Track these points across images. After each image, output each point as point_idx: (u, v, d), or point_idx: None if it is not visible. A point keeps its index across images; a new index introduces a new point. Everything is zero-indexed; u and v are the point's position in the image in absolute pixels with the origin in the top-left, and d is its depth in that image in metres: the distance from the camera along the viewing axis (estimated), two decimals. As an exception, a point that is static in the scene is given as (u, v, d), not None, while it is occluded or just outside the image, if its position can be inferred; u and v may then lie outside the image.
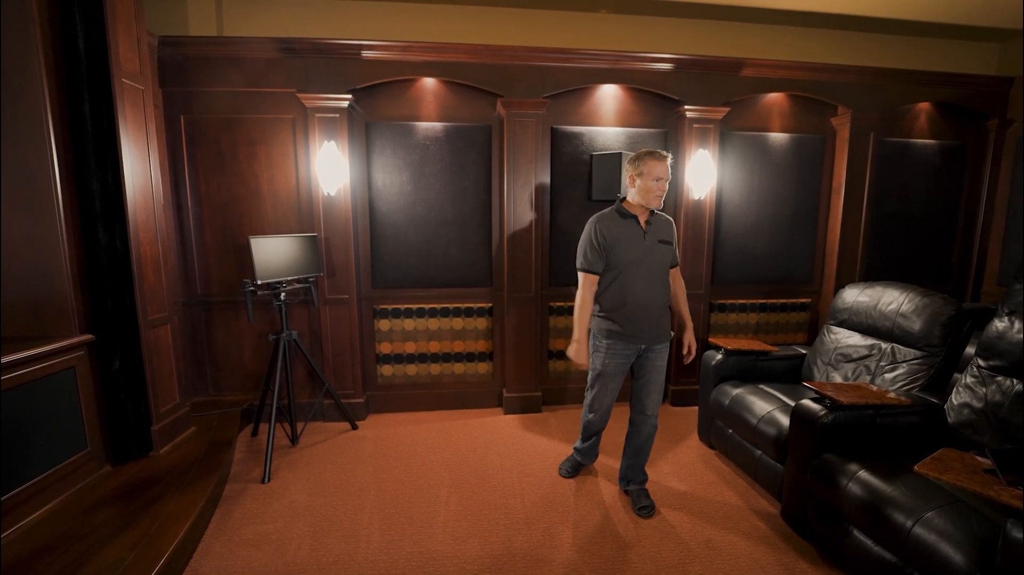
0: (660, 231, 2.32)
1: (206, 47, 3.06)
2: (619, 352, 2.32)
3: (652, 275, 2.28)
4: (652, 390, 2.37)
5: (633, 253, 2.25)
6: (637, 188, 2.22)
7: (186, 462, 2.55)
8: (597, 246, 2.26)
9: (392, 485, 2.63)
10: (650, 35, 3.56)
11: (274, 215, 3.28)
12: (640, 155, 2.20)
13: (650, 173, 2.17)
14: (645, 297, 2.26)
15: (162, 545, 1.89)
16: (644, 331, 2.29)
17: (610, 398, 2.43)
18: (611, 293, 2.29)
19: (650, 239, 2.27)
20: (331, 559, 2.05)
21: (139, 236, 2.52)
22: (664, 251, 2.31)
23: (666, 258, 2.33)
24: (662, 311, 2.33)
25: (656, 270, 2.29)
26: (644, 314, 2.27)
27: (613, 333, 2.30)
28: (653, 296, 2.28)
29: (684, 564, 2.04)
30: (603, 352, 2.34)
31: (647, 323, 2.28)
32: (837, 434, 2.06)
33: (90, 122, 2.32)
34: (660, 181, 2.18)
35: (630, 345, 2.31)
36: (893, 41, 3.81)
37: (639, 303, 2.26)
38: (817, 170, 3.79)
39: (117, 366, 2.46)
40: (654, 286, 2.28)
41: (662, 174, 2.17)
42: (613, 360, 2.33)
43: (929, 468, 1.56)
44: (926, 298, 2.53)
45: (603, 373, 2.36)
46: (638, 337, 2.29)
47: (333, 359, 3.41)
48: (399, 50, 3.15)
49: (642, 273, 2.26)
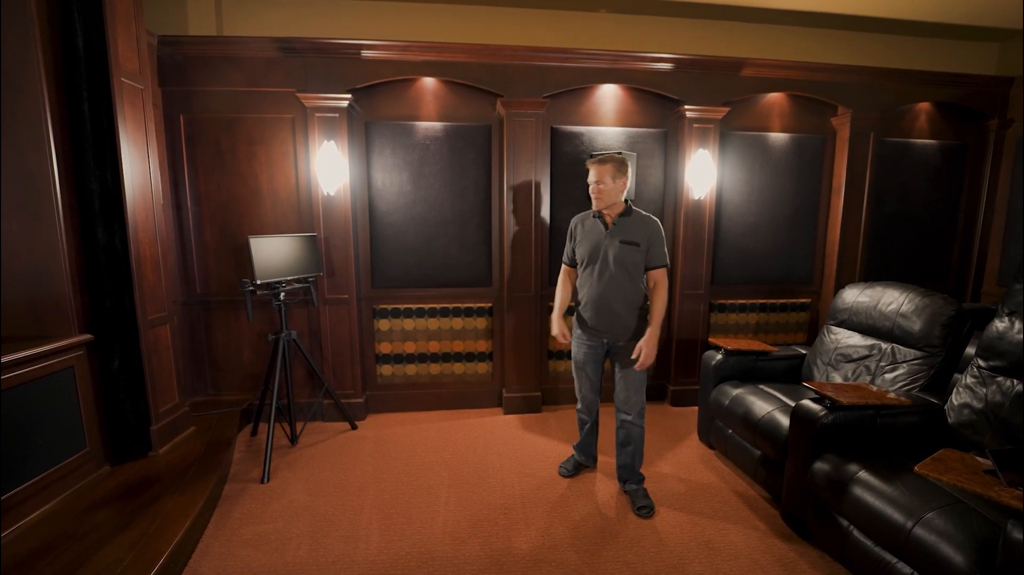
0: (628, 232, 2.33)
1: (205, 46, 3.05)
2: (585, 342, 2.47)
3: (609, 273, 2.33)
4: (623, 387, 2.42)
5: (589, 250, 2.38)
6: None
7: (185, 462, 2.54)
8: (568, 237, 2.52)
9: (391, 485, 2.62)
10: (650, 35, 3.56)
11: (274, 215, 3.28)
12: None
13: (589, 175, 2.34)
14: (599, 294, 2.35)
15: (161, 545, 1.89)
16: (604, 328, 2.39)
17: (587, 387, 2.55)
18: (577, 287, 2.48)
19: (611, 239, 2.33)
20: (330, 559, 2.05)
21: (138, 236, 2.51)
22: (628, 251, 2.32)
23: (630, 258, 2.32)
24: (627, 310, 2.36)
25: (615, 269, 2.32)
26: (601, 311, 2.36)
27: (578, 323, 2.50)
28: (611, 294, 2.34)
29: (684, 564, 2.03)
30: (574, 341, 2.52)
31: (607, 320, 2.37)
32: (837, 434, 2.06)
33: (89, 121, 2.31)
34: (591, 184, 2.32)
35: (594, 337, 2.44)
36: (893, 41, 3.81)
37: (593, 299, 2.37)
38: (817, 170, 3.78)
39: (116, 366, 2.46)
40: (611, 285, 2.33)
41: (592, 177, 2.31)
42: (581, 349, 2.49)
43: (930, 469, 1.56)
44: (926, 298, 2.53)
45: (575, 361, 2.54)
46: (600, 332, 2.40)
47: (332, 359, 3.41)
48: (399, 50, 3.14)
49: (598, 270, 2.35)
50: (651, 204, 3.64)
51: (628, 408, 2.43)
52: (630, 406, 2.42)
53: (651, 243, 2.35)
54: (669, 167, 3.63)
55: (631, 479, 2.52)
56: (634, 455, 2.48)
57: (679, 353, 3.73)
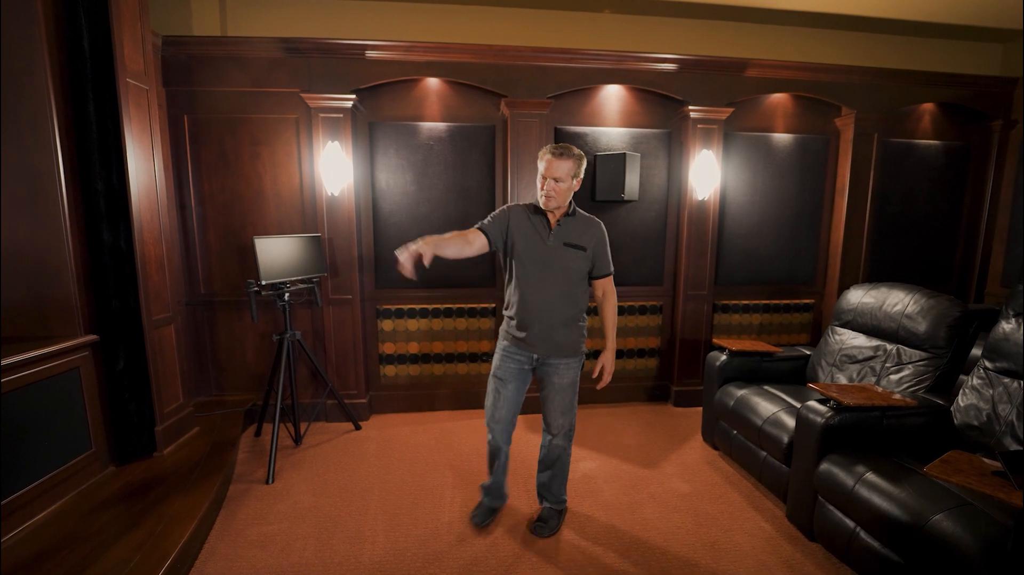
0: (572, 234, 2.04)
1: (210, 47, 3.05)
2: (511, 355, 2.10)
3: (551, 280, 2.01)
4: (551, 407, 2.14)
5: (530, 251, 2.02)
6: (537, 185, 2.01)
7: (190, 462, 2.54)
8: (501, 216, 2.06)
9: (396, 486, 2.62)
10: (654, 35, 3.56)
11: (277, 215, 3.27)
12: (543, 149, 1.98)
13: (540, 168, 1.96)
14: (537, 304, 2.02)
15: (168, 546, 1.89)
16: (536, 342, 2.05)
17: (505, 409, 2.12)
18: (510, 291, 2.10)
19: (554, 241, 2.01)
20: (337, 560, 2.05)
21: (143, 236, 2.51)
22: (572, 257, 2.02)
23: (574, 265, 2.03)
24: (566, 324, 2.05)
25: (557, 276, 2.02)
26: (537, 322, 2.03)
27: (507, 335, 2.12)
28: (549, 304, 2.02)
29: (690, 566, 2.03)
30: (499, 353, 2.15)
31: (540, 333, 2.03)
32: (843, 435, 2.06)
33: (95, 122, 2.31)
34: (545, 180, 1.94)
35: (523, 352, 2.08)
36: (897, 42, 3.81)
37: (530, 308, 2.02)
38: (821, 171, 3.78)
39: (121, 366, 2.46)
40: (551, 293, 2.02)
41: (545, 171, 1.94)
42: (506, 363, 2.11)
43: (939, 470, 1.56)
44: (932, 299, 2.53)
45: (495, 377, 2.13)
46: (533, 346, 2.06)
47: (336, 359, 3.41)
48: (403, 50, 3.14)
49: (538, 275, 2.01)
50: (655, 204, 3.64)
51: (556, 430, 2.17)
52: (558, 428, 2.16)
53: (597, 248, 2.08)
54: (673, 168, 3.63)
55: (548, 497, 2.30)
56: (554, 478, 2.26)
57: (682, 354, 3.73)
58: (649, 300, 3.75)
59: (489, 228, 2.05)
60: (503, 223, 2.05)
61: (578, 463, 2.86)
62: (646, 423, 3.45)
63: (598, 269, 2.11)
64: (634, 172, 3.41)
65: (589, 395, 3.75)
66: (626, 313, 3.74)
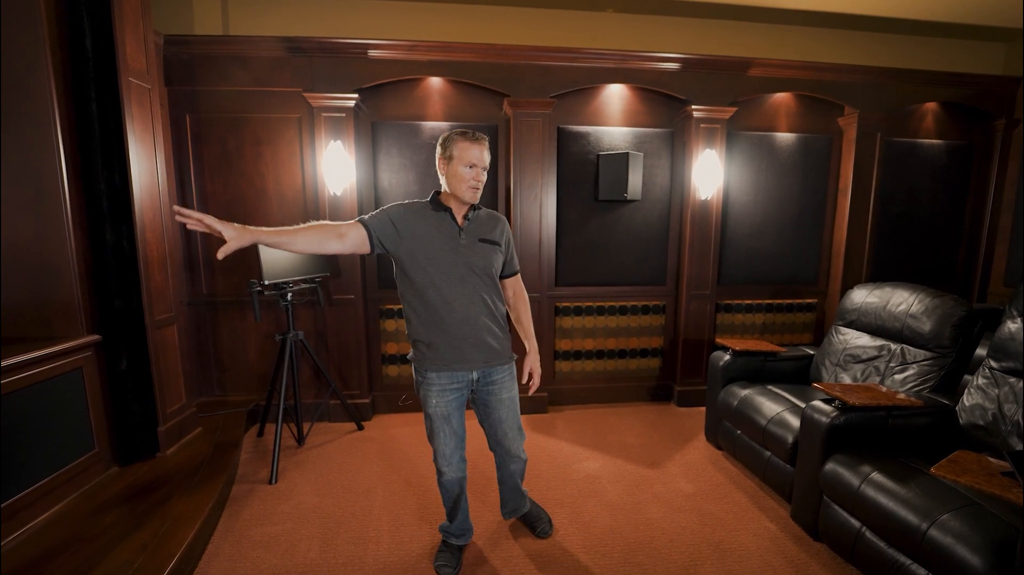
0: (483, 229, 1.83)
1: (212, 46, 3.04)
2: (446, 387, 1.83)
3: (472, 283, 1.78)
4: (507, 428, 1.95)
5: (441, 255, 1.75)
6: (448, 176, 1.75)
7: (193, 463, 2.54)
8: (388, 220, 1.73)
9: (400, 486, 2.62)
10: (656, 34, 3.55)
11: (280, 215, 3.27)
12: (449, 136, 1.75)
13: (461, 157, 1.71)
14: (464, 309, 1.77)
15: (172, 547, 1.88)
16: (469, 353, 1.80)
17: (453, 445, 1.90)
18: (420, 309, 1.77)
19: (468, 238, 1.78)
20: (341, 561, 2.04)
21: (146, 236, 2.51)
22: (488, 253, 1.81)
23: (492, 262, 1.82)
24: (499, 326, 1.87)
25: (477, 275, 1.79)
26: (466, 331, 1.78)
27: (433, 362, 1.80)
28: (475, 307, 1.79)
29: (695, 566, 2.03)
30: (428, 389, 1.83)
31: (471, 343, 1.80)
32: (848, 435, 2.05)
33: (97, 121, 2.31)
34: (474, 168, 1.72)
35: (456, 374, 1.82)
36: (899, 41, 3.81)
37: (458, 318, 1.76)
38: (823, 170, 3.78)
39: (124, 366, 2.45)
40: (474, 296, 1.79)
41: (476, 159, 1.71)
42: (442, 398, 1.83)
43: (946, 470, 1.55)
44: (936, 299, 2.52)
45: (432, 416, 1.86)
46: (463, 361, 1.81)
47: (339, 359, 3.40)
48: (405, 49, 3.13)
49: (457, 279, 1.76)
50: (658, 204, 3.63)
51: (517, 449, 2.02)
52: (519, 446, 2.02)
53: (508, 243, 1.91)
54: (676, 167, 3.62)
55: (522, 505, 2.21)
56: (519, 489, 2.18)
57: (685, 354, 3.73)
58: (652, 300, 3.75)
59: (373, 224, 1.71)
60: (388, 225, 1.73)
61: (581, 463, 2.86)
62: (649, 423, 3.45)
63: (509, 267, 1.95)
64: (637, 172, 3.41)
65: (592, 395, 3.77)
66: (629, 313, 3.73)
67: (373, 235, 1.71)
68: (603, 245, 3.60)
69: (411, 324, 1.83)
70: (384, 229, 1.73)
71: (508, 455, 2.04)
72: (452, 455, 1.91)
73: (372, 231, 1.71)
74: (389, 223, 1.73)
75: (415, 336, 1.83)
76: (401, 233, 1.74)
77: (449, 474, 1.93)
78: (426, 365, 1.82)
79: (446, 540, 2.07)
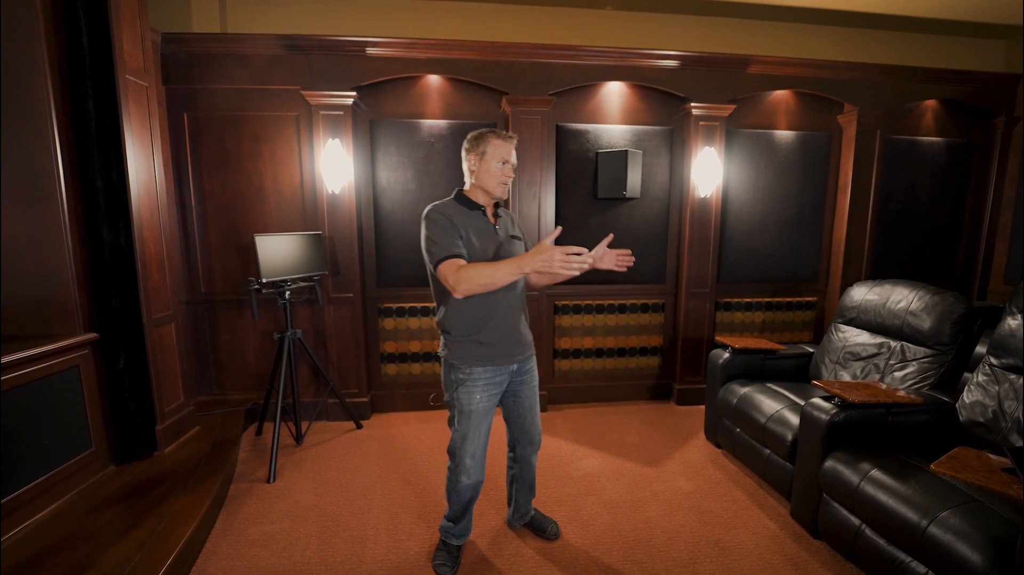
0: (508, 225, 1.91)
1: (210, 44, 3.04)
2: (491, 381, 1.84)
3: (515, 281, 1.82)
4: (532, 416, 2.00)
5: (489, 250, 1.79)
6: (479, 172, 1.79)
7: (191, 462, 2.53)
8: (451, 226, 1.72)
9: (398, 485, 2.61)
10: (656, 32, 3.54)
11: (278, 213, 3.26)
12: (482, 134, 1.79)
13: (494, 154, 1.76)
14: (509, 305, 1.83)
15: (169, 545, 1.87)
16: (513, 348, 1.86)
17: (482, 448, 1.88)
18: (469, 307, 1.78)
19: (502, 234, 1.85)
20: (339, 559, 2.03)
21: (143, 234, 2.50)
22: (518, 248, 1.88)
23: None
24: (526, 320, 1.94)
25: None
26: (511, 325, 1.84)
27: (483, 357, 1.80)
28: (517, 302, 1.86)
29: (694, 564, 2.02)
30: (473, 385, 1.81)
31: (515, 336, 1.86)
32: (848, 433, 2.04)
33: (94, 119, 2.30)
34: (506, 164, 1.77)
35: (501, 370, 1.85)
36: (899, 38, 3.80)
37: (505, 312, 1.81)
38: (823, 168, 3.77)
39: (121, 365, 2.45)
40: (515, 290, 1.84)
41: (508, 155, 1.77)
42: (486, 392, 1.83)
43: (946, 467, 1.55)
44: (936, 296, 2.51)
45: (474, 413, 1.83)
46: (508, 356, 1.85)
47: (337, 358, 3.40)
48: (404, 47, 3.13)
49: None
50: (657, 202, 3.62)
51: (538, 438, 2.07)
52: (539, 435, 2.07)
53: (526, 237, 1.99)
54: (675, 165, 3.61)
55: (530, 509, 2.23)
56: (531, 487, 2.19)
57: (684, 352, 3.72)
58: (651, 298, 3.74)
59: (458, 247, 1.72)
60: (454, 234, 1.73)
61: (581, 461, 2.85)
62: (649, 421, 3.44)
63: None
64: (636, 169, 3.40)
65: (591, 394, 3.76)
66: (628, 311, 3.72)
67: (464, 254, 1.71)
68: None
69: (456, 323, 1.80)
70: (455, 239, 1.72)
71: (531, 444, 2.07)
72: (480, 459, 1.89)
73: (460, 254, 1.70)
74: (455, 228, 1.73)
75: (461, 334, 1.80)
76: (463, 237, 1.74)
77: (471, 479, 1.89)
78: (472, 361, 1.80)
79: (445, 540, 2.05)
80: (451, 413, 1.89)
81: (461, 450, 1.87)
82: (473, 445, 1.86)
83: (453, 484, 1.93)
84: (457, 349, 1.82)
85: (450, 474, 1.94)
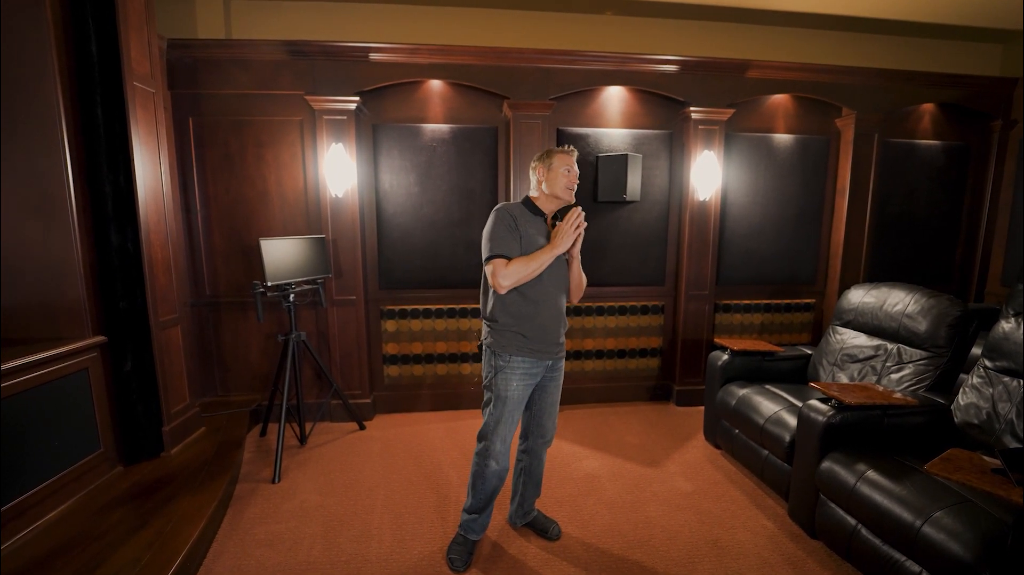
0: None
1: (215, 49, 3.07)
2: (528, 371, 1.96)
3: (559, 279, 2.00)
4: (554, 411, 2.14)
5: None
6: (548, 180, 1.97)
7: (197, 462, 2.56)
8: (513, 226, 1.91)
9: (402, 485, 2.64)
10: (655, 37, 3.58)
11: (282, 217, 3.30)
12: (547, 151, 2.01)
13: (560, 164, 1.96)
14: (556, 303, 2.00)
15: (177, 545, 1.91)
16: (551, 346, 2.00)
17: (511, 433, 2.01)
18: (518, 302, 1.93)
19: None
20: (344, 559, 2.07)
21: (150, 238, 2.54)
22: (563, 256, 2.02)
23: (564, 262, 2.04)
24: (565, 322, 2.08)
25: (563, 273, 2.02)
26: (554, 323, 1.99)
27: (523, 348, 1.94)
28: (560, 304, 2.02)
29: (692, 563, 2.05)
30: (512, 372, 1.94)
31: (555, 335, 2.01)
32: (844, 434, 2.08)
33: (102, 125, 2.34)
34: (571, 172, 1.97)
35: (538, 363, 1.98)
36: (897, 42, 3.83)
37: (551, 312, 1.97)
38: (821, 171, 3.80)
39: (129, 367, 2.48)
40: (560, 293, 2.01)
41: (571, 164, 1.97)
42: (523, 381, 1.96)
43: (939, 468, 1.58)
44: (932, 299, 2.55)
45: (509, 399, 1.95)
46: (546, 352, 1.99)
47: (340, 360, 3.43)
48: (406, 52, 3.16)
49: (554, 279, 1.98)
50: (656, 205, 3.66)
51: (552, 434, 2.18)
52: (554, 430, 2.18)
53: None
54: (674, 168, 3.65)
55: (533, 509, 2.30)
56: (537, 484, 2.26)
57: (684, 353, 3.75)
58: (651, 300, 3.78)
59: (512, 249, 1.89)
60: (511, 232, 1.91)
61: (581, 462, 2.89)
62: (648, 422, 3.47)
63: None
64: (636, 173, 3.43)
65: (591, 395, 3.80)
66: (628, 313, 3.76)
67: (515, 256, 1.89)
68: (602, 246, 3.63)
69: (502, 313, 1.95)
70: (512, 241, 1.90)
71: (543, 438, 2.16)
72: (507, 447, 2.02)
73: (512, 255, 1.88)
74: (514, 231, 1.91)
75: (506, 324, 1.95)
76: (521, 237, 1.92)
77: (500, 465, 2.01)
78: (512, 351, 1.94)
79: (465, 534, 2.11)
80: (487, 396, 2.02)
81: (493, 433, 1.99)
82: (504, 430, 1.99)
83: (481, 470, 2.03)
84: (500, 338, 1.96)
85: (478, 459, 2.04)
